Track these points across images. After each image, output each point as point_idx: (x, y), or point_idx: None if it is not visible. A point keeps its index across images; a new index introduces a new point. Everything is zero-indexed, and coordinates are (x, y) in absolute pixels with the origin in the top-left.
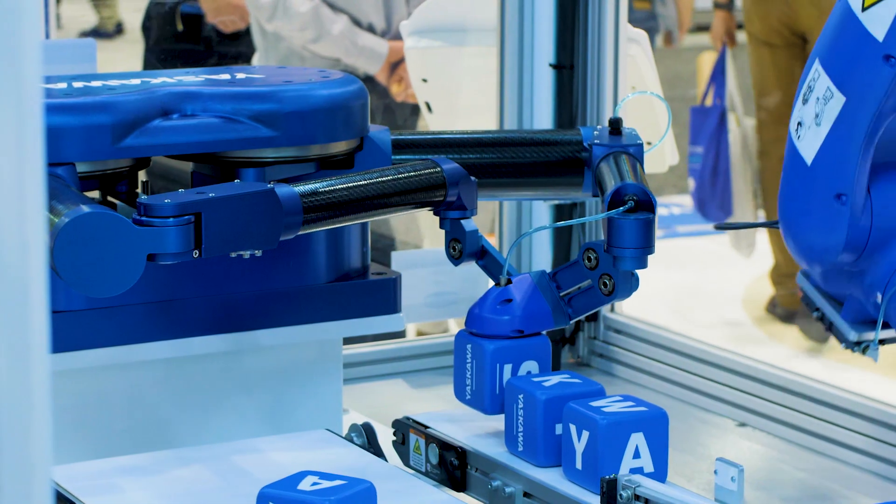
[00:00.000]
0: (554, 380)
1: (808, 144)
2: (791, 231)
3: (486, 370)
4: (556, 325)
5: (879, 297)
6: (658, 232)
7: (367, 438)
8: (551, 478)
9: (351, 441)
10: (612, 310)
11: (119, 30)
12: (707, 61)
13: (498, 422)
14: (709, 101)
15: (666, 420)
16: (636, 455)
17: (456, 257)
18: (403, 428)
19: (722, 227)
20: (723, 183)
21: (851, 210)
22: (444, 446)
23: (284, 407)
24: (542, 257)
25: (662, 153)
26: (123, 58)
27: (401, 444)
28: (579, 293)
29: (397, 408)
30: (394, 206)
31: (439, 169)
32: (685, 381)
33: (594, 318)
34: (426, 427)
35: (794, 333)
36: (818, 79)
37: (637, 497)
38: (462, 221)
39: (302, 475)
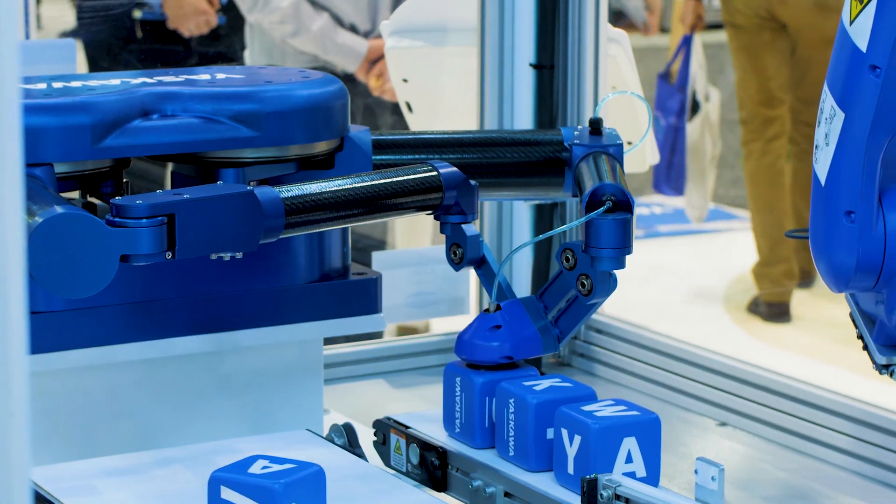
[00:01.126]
0: (545, 384)
1: (822, 165)
2: (818, 253)
3: (476, 404)
4: (546, 352)
5: None
6: (639, 231)
7: (347, 439)
8: (531, 477)
9: (331, 441)
10: None
11: None
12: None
13: None
14: (675, 70)
15: (658, 424)
16: (628, 460)
17: (457, 262)
18: (384, 428)
19: (792, 236)
20: (678, 166)
21: (861, 227)
22: (425, 446)
23: (265, 407)
24: (523, 257)
25: (643, 152)
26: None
27: (381, 445)
28: (564, 312)
29: (378, 408)
30: (386, 210)
31: (435, 172)
32: (666, 380)
33: None
34: (407, 427)
35: (778, 333)
36: (825, 100)
37: (618, 497)
38: (463, 226)
39: (253, 459)
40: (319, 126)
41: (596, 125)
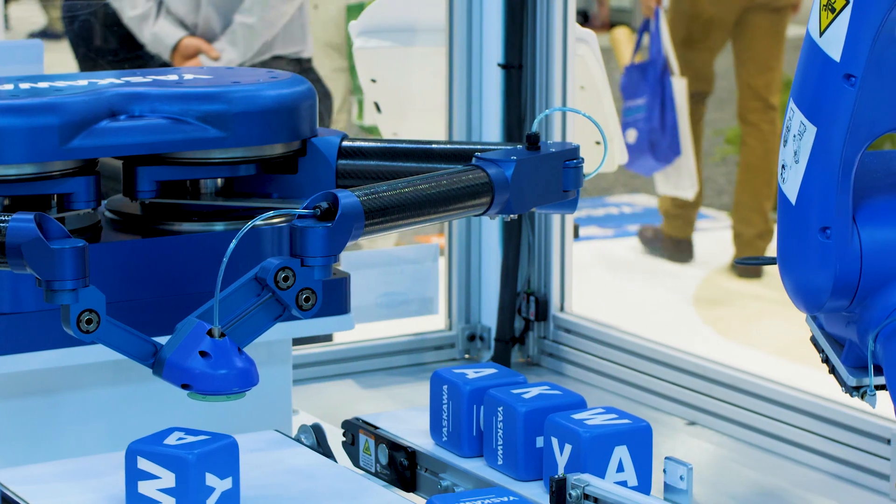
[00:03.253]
0: (534, 392)
1: (792, 184)
2: (788, 275)
3: (463, 412)
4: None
5: (872, 342)
6: (608, 231)
7: (316, 439)
8: (500, 478)
9: (300, 442)
10: (562, 309)
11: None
12: (622, 35)
13: None
14: (639, 59)
15: (649, 433)
16: (620, 468)
17: None
18: (353, 428)
19: (742, 262)
20: (671, 124)
21: (838, 243)
22: (394, 447)
23: (233, 408)
24: (492, 254)
25: (612, 153)
26: (71, 59)
27: (350, 445)
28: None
29: (347, 408)
30: None
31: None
32: (635, 379)
33: (544, 317)
34: (376, 427)
35: (750, 331)
36: (793, 117)
37: (586, 496)
38: None
39: (169, 431)
40: (288, 127)
41: (533, 140)
